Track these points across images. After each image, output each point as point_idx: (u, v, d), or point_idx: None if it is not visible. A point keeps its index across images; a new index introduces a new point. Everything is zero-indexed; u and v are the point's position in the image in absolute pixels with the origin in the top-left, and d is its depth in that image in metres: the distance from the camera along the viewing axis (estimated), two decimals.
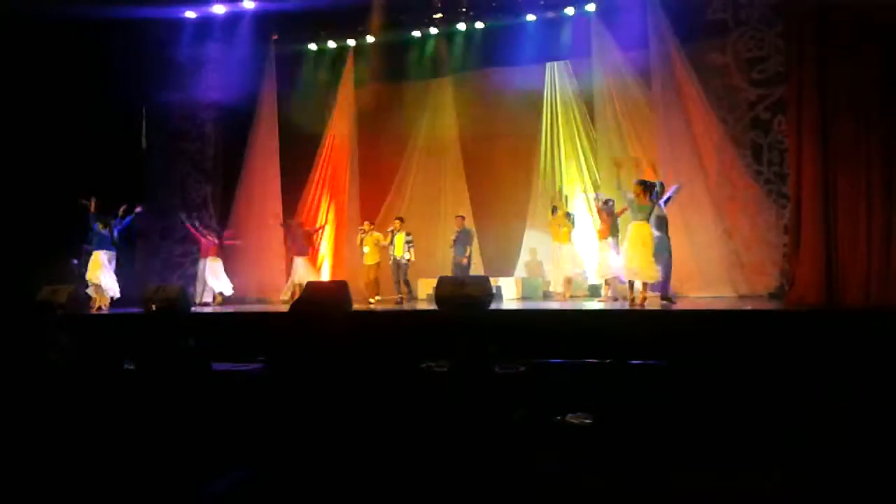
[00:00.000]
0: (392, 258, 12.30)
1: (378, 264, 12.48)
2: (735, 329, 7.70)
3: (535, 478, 5.12)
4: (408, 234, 12.37)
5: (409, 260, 12.23)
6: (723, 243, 11.20)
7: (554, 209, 11.91)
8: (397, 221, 12.50)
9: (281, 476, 3.05)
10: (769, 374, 6.45)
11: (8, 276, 11.33)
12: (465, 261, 11.98)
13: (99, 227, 11.88)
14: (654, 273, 9.33)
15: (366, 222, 12.84)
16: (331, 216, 14.30)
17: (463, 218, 12.39)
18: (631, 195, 9.55)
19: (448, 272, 11.27)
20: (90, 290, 11.87)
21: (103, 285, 11.81)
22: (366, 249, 12.52)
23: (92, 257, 11.93)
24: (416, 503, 3.22)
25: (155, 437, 3.12)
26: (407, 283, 12.32)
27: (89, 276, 11.83)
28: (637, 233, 9.38)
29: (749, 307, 9.10)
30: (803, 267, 9.04)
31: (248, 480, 3.02)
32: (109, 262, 11.92)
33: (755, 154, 11.24)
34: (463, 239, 12.11)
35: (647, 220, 9.44)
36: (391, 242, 12.35)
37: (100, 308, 11.79)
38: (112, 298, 11.90)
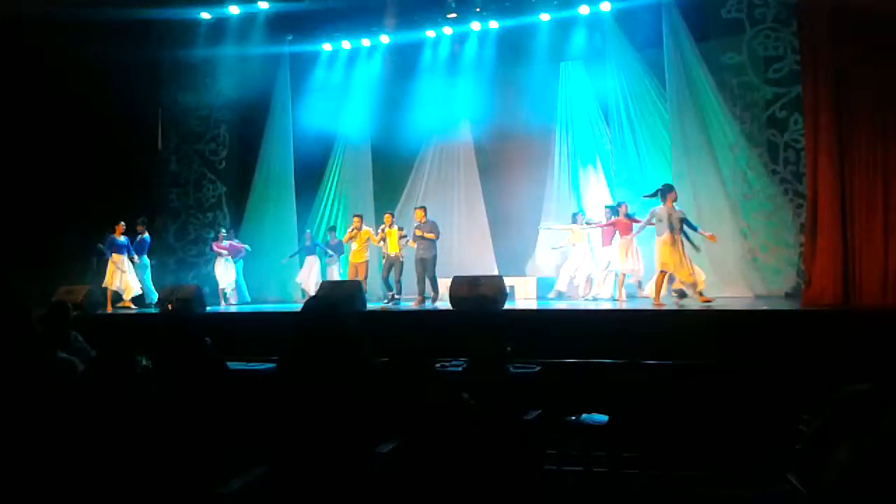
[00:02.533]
0: (385, 256, 11.90)
1: (366, 262, 12.29)
2: (751, 329, 7.66)
3: (545, 476, 5.12)
4: (401, 229, 11.98)
5: (404, 255, 11.82)
6: (739, 243, 11.15)
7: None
8: (388, 216, 12.09)
9: (295, 474, 3.05)
10: (785, 375, 6.42)
11: (23, 277, 11.43)
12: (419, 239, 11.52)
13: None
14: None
15: (355, 217, 12.56)
16: (343, 216, 14.29)
17: (424, 209, 11.81)
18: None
19: (462, 272, 11.18)
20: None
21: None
22: (353, 247, 12.29)
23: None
24: (429, 500, 3.21)
25: (170, 436, 3.13)
26: (399, 283, 11.81)
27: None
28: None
29: (765, 307, 9.05)
30: (820, 266, 8.97)
31: (263, 479, 3.02)
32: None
33: (771, 153, 11.18)
34: (427, 230, 11.51)
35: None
36: (383, 240, 11.92)
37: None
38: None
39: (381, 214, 13.32)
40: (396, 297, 11.72)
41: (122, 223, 12.23)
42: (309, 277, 13.06)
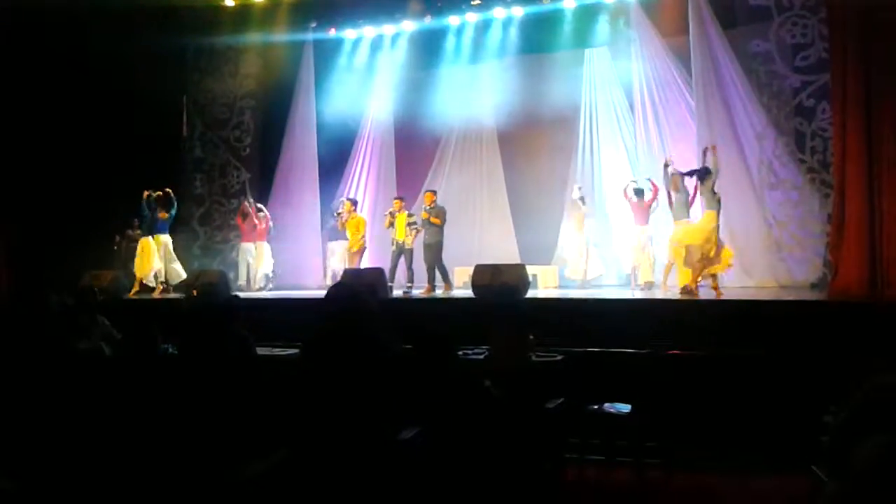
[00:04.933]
0: (394, 243, 11.60)
1: (360, 251, 12.12)
2: (776, 320, 7.60)
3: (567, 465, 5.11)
4: (410, 216, 11.63)
5: (413, 243, 11.48)
6: (764, 233, 11.04)
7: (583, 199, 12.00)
8: (397, 202, 11.86)
9: (317, 459, 3.07)
10: (810, 366, 6.37)
11: (51, 262, 11.57)
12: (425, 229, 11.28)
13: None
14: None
15: (347, 201, 12.50)
16: (367, 203, 14.29)
17: (434, 193, 11.64)
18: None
19: (484, 260, 11.14)
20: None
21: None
22: (347, 235, 12.19)
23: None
24: (451, 487, 3.22)
25: (194, 420, 3.16)
26: (410, 271, 11.47)
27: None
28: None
29: (790, 298, 8.99)
30: (846, 257, 8.89)
31: (284, 462, 3.04)
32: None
33: (798, 142, 11.03)
34: (434, 214, 11.28)
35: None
36: (391, 225, 11.65)
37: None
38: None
39: (405, 200, 13.31)
40: (408, 285, 11.41)
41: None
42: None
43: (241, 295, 12.18)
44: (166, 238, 12.36)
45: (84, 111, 12.94)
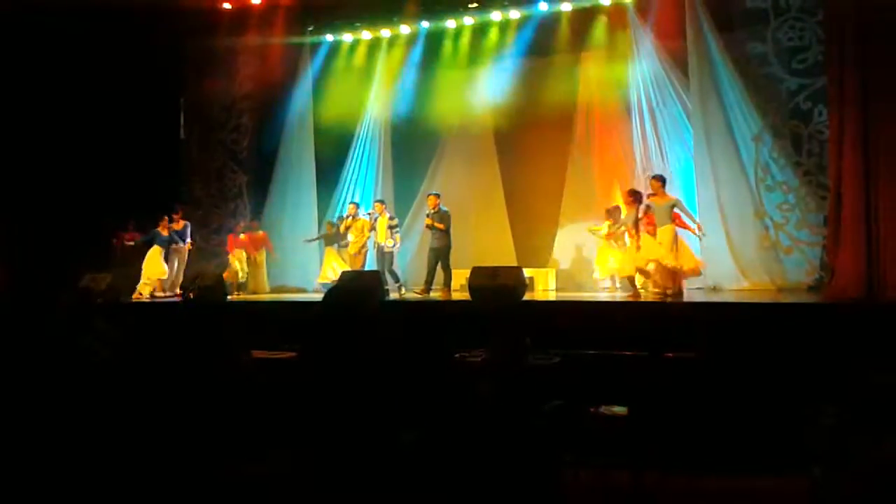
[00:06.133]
0: (375, 246, 12.06)
1: (363, 255, 12.36)
2: (773, 322, 7.61)
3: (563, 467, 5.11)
4: (392, 219, 12.08)
5: (393, 246, 11.93)
6: (760, 235, 11.06)
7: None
8: (378, 205, 12.24)
9: (316, 461, 3.07)
10: (807, 369, 6.38)
11: (49, 265, 11.56)
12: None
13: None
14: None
15: (350, 205, 12.73)
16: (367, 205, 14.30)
17: (438, 196, 11.76)
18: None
19: (480, 263, 11.13)
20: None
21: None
22: (350, 238, 12.37)
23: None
24: (449, 488, 3.22)
25: (194, 422, 3.16)
26: (393, 273, 11.89)
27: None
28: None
29: (787, 300, 9.00)
30: (843, 259, 8.89)
31: (285, 465, 3.04)
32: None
33: (795, 144, 11.05)
34: (437, 219, 11.49)
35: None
36: (373, 228, 12.07)
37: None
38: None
39: (401, 204, 13.31)
40: (397, 285, 11.73)
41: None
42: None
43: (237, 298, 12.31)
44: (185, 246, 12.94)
45: (82, 112, 12.94)
